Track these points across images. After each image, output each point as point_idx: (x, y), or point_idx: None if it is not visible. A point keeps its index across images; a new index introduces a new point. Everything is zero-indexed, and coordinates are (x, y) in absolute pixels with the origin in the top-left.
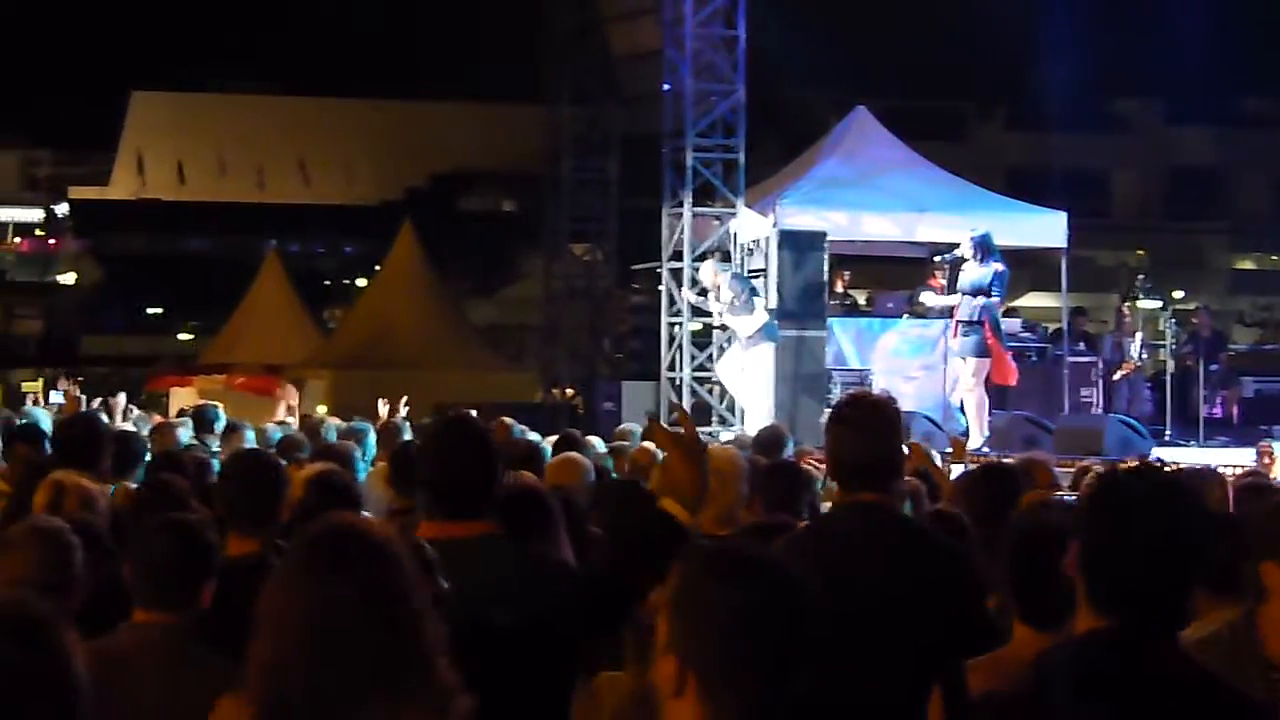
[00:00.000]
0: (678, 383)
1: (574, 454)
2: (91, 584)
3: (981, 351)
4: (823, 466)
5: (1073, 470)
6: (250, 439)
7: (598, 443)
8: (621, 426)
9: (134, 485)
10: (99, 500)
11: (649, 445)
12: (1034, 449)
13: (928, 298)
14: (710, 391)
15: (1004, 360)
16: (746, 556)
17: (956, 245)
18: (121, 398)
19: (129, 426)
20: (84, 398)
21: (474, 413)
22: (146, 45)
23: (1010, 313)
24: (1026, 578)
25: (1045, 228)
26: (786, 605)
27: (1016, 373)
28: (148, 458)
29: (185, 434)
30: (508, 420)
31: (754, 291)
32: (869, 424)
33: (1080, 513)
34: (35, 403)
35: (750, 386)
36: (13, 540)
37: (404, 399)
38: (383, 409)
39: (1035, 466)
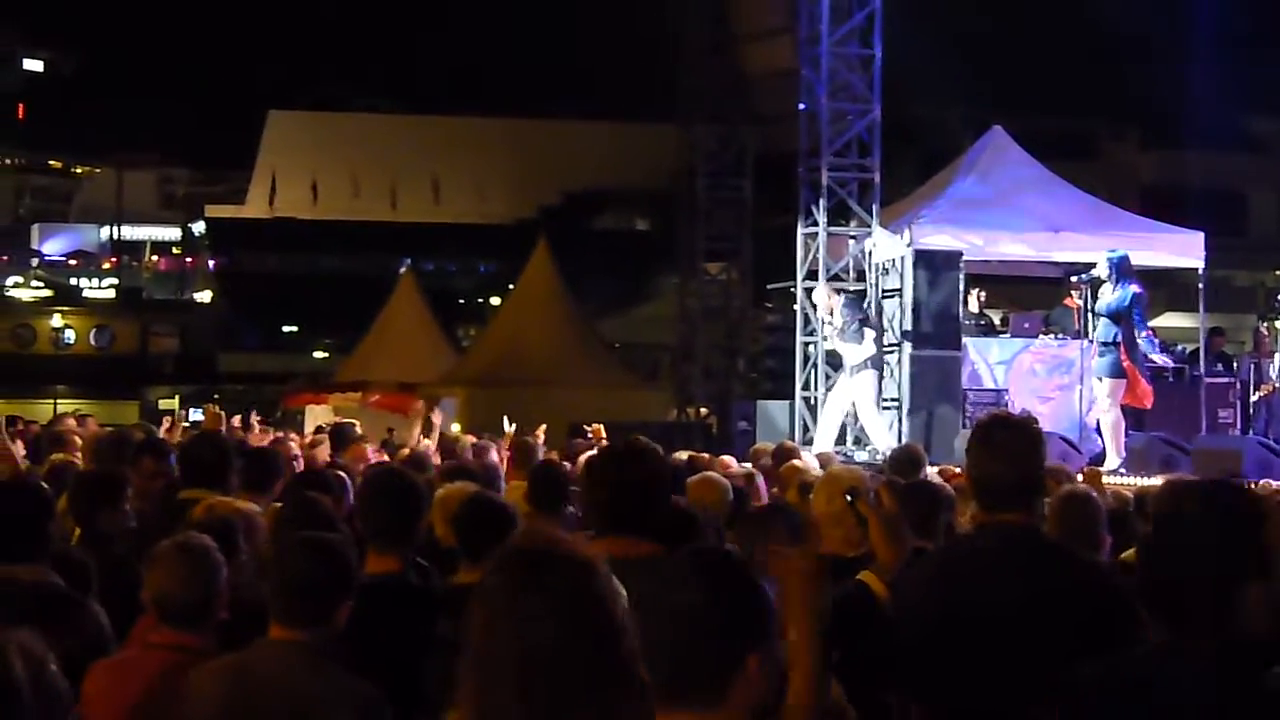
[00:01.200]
0: (812, 402)
1: (713, 474)
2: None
3: (1117, 373)
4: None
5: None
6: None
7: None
8: (757, 445)
9: (276, 504)
10: (258, 524)
11: (797, 463)
12: (1171, 470)
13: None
14: (846, 411)
15: (1139, 383)
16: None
17: (1092, 265)
18: (253, 417)
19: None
20: (223, 414)
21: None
22: (283, 65)
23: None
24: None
25: (1182, 247)
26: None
27: (1152, 395)
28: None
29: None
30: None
31: (865, 321)
32: (1011, 445)
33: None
34: (173, 420)
35: (841, 411)
36: (159, 556)
37: (542, 426)
38: (508, 427)
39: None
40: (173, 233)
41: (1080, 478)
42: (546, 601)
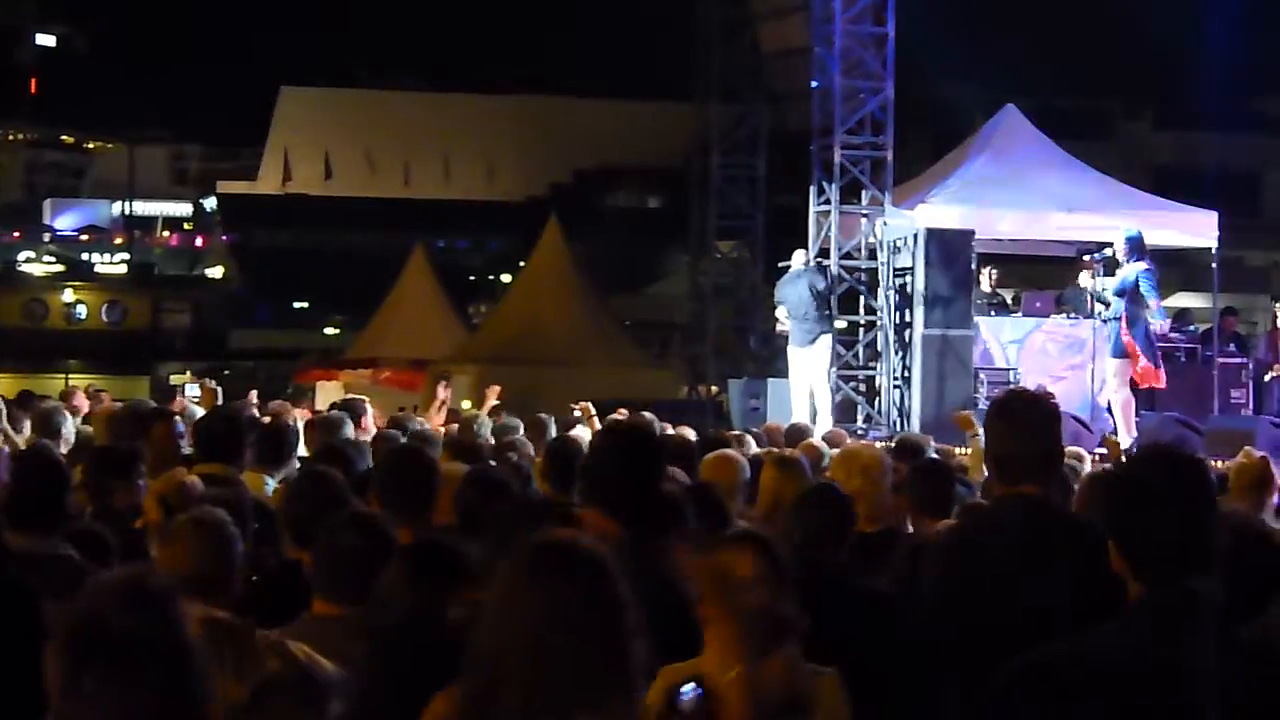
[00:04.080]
0: (828, 379)
1: (729, 451)
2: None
3: (1122, 352)
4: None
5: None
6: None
7: (750, 441)
8: (769, 423)
9: (291, 478)
10: (195, 492)
11: (815, 442)
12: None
13: (1084, 278)
14: (856, 389)
15: (1138, 360)
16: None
17: (1106, 245)
18: (252, 395)
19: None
20: (220, 390)
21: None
22: (296, 41)
23: (1181, 317)
24: None
25: (1195, 227)
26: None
27: (1163, 375)
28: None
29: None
30: (649, 416)
31: (816, 293)
32: (1030, 418)
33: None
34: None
35: (797, 386)
36: (176, 532)
37: (585, 403)
38: (492, 397)
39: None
40: (185, 208)
41: (1100, 447)
42: (557, 595)
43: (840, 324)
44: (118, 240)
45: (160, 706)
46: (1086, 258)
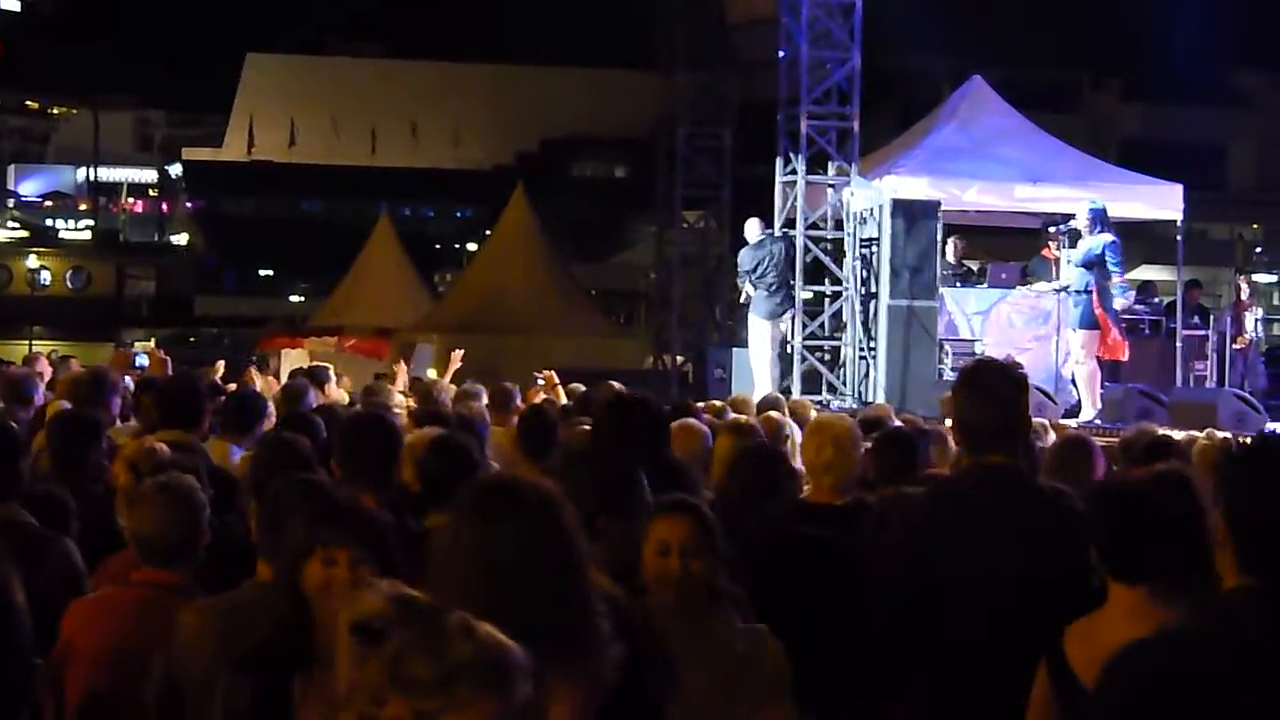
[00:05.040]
0: (789, 351)
1: (692, 420)
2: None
3: (1090, 323)
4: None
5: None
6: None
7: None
8: (735, 395)
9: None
10: (163, 458)
11: (775, 415)
12: (1148, 422)
13: (1040, 286)
14: (822, 359)
15: (1110, 332)
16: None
17: (1071, 216)
18: (219, 364)
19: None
20: (169, 359)
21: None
22: (262, 8)
23: (1146, 289)
24: (1119, 536)
25: (1160, 199)
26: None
27: (1126, 348)
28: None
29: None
30: (616, 386)
31: (765, 263)
32: (996, 388)
33: (1226, 480)
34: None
35: (752, 360)
36: (141, 496)
37: (549, 372)
38: (455, 361)
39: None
40: (150, 175)
41: (1065, 418)
42: (508, 523)
43: (806, 294)
44: (82, 206)
45: None
46: (1053, 229)
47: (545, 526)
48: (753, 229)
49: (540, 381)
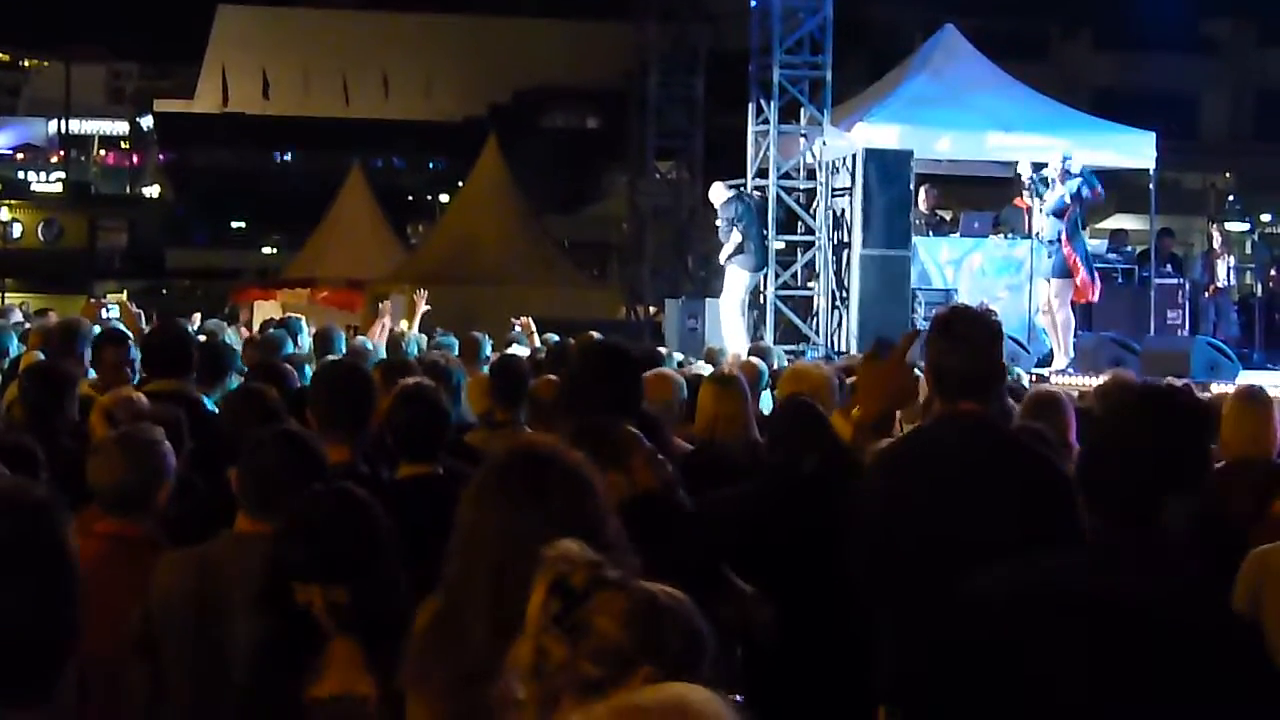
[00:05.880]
0: (762, 300)
1: (666, 370)
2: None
3: (1064, 272)
4: None
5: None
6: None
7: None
8: (710, 345)
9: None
10: (140, 409)
11: (755, 361)
12: (1120, 370)
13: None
14: (795, 310)
15: (1079, 272)
16: None
17: (1044, 165)
18: (195, 316)
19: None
20: (141, 314)
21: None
22: None
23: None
24: None
25: (1133, 148)
26: None
27: (1096, 289)
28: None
29: (290, 344)
30: (594, 336)
31: (733, 221)
32: (970, 336)
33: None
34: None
35: (725, 310)
36: (100, 445)
37: (526, 319)
38: (420, 304)
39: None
40: (121, 127)
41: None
42: (532, 492)
43: (778, 244)
44: (54, 159)
45: (32, 614)
46: (1025, 179)
47: (575, 510)
48: (717, 192)
49: (518, 328)
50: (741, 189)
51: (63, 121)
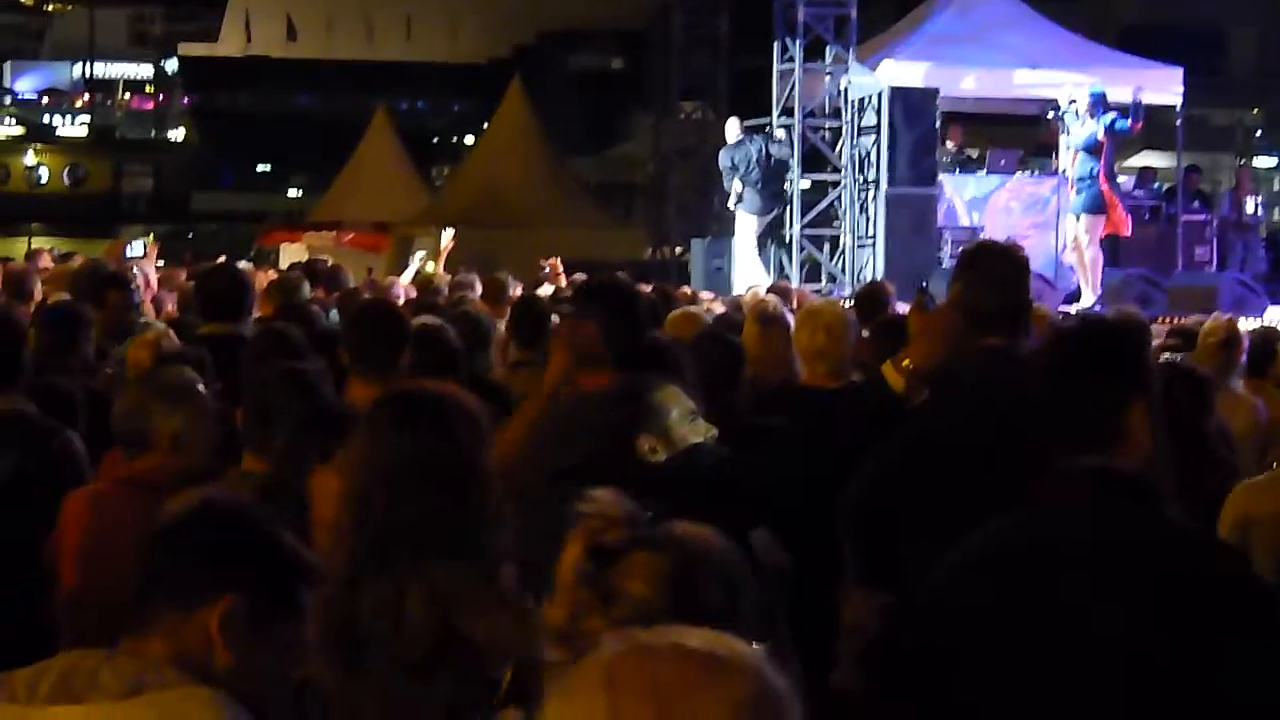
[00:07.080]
0: (788, 240)
1: (693, 309)
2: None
3: (1097, 208)
4: None
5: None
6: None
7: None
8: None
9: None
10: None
11: (770, 298)
12: (1148, 308)
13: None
14: (821, 249)
15: (1116, 208)
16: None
17: (1072, 102)
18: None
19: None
20: (161, 262)
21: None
22: None
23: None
24: None
25: (1160, 83)
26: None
27: (1130, 223)
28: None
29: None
30: (622, 276)
31: (734, 168)
32: (998, 270)
33: None
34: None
35: (739, 253)
36: (125, 389)
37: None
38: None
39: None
40: (146, 70)
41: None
42: (411, 439)
43: (804, 183)
44: (78, 103)
45: None
46: (1051, 115)
47: (446, 443)
48: (732, 129)
49: (546, 269)
50: (750, 130)
51: (87, 65)
